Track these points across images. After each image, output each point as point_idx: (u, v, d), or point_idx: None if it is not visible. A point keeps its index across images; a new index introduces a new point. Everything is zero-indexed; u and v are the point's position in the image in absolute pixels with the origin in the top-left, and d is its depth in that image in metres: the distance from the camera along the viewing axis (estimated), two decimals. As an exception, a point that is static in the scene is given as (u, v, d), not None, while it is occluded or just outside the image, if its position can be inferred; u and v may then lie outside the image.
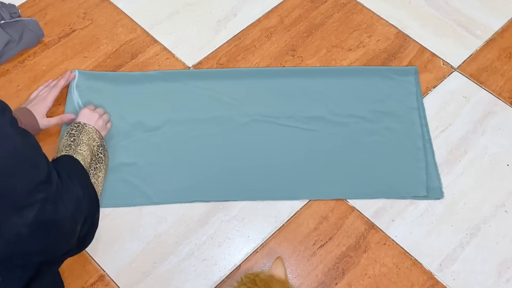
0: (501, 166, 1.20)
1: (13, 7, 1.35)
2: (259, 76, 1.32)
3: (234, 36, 1.41)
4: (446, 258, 1.09)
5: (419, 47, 1.38)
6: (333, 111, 1.27)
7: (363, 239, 1.11)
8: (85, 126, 1.11)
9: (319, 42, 1.39)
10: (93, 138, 1.10)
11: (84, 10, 1.45)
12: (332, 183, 1.17)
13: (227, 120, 1.25)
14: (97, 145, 1.10)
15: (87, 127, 1.11)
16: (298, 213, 1.14)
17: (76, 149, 1.04)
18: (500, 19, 1.44)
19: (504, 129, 1.26)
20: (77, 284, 1.05)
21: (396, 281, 1.06)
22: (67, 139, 1.07)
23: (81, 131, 1.09)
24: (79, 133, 1.08)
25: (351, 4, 1.47)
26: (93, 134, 1.11)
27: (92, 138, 1.10)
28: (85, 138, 1.08)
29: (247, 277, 0.94)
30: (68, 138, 1.07)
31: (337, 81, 1.31)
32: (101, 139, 1.12)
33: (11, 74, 1.32)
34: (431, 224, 1.12)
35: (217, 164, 1.19)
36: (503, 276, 1.07)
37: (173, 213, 1.13)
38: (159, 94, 1.29)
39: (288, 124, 1.24)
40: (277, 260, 0.94)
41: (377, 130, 1.24)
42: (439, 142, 1.23)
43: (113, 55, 1.36)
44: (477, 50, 1.39)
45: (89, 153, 1.06)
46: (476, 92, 1.31)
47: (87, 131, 1.10)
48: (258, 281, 0.91)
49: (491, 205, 1.15)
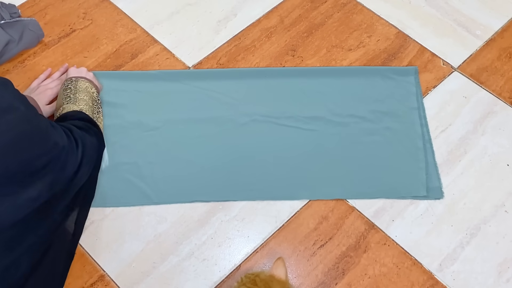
0: (501, 166, 1.20)
1: (13, 7, 1.35)
2: (259, 76, 1.32)
3: (234, 36, 1.41)
4: (446, 258, 1.09)
5: (419, 47, 1.38)
6: (333, 111, 1.27)
7: (363, 239, 1.11)
8: (77, 80, 1.16)
9: (319, 42, 1.39)
10: (90, 86, 1.16)
11: (84, 10, 1.45)
12: (332, 183, 1.17)
13: (227, 120, 1.25)
14: (96, 91, 1.18)
15: (79, 80, 1.16)
16: (298, 213, 1.14)
17: (76, 97, 1.10)
18: (500, 19, 1.44)
19: (504, 129, 1.26)
20: (77, 284, 1.05)
21: (396, 281, 1.06)
22: (63, 93, 1.13)
23: (76, 84, 1.15)
24: (75, 85, 1.14)
25: (351, 4, 1.47)
26: (88, 84, 1.16)
27: (88, 86, 1.16)
28: (82, 87, 1.14)
29: (247, 277, 0.93)
30: (64, 92, 1.13)
31: (337, 81, 1.32)
32: (96, 87, 1.19)
33: (11, 74, 1.32)
34: (431, 224, 1.12)
35: (217, 164, 1.19)
36: (503, 276, 1.07)
37: (173, 213, 1.13)
38: (159, 94, 1.29)
39: (288, 124, 1.24)
40: (278, 260, 0.94)
41: (377, 130, 1.24)
42: (439, 142, 1.23)
43: (113, 55, 1.36)
44: (477, 50, 1.39)
45: (88, 97, 1.13)
46: (476, 92, 1.31)
47: (80, 82, 1.15)
48: (258, 281, 0.91)
49: (491, 205, 1.15)
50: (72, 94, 1.12)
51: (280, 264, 0.94)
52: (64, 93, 1.13)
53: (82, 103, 1.10)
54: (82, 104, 1.10)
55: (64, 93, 1.13)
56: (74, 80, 1.16)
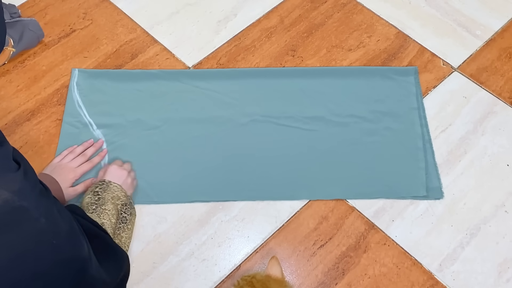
0: (501, 166, 1.20)
1: (13, 7, 1.35)
2: (259, 76, 1.32)
3: (234, 36, 1.41)
4: (446, 258, 1.09)
5: (419, 47, 1.38)
6: (333, 111, 1.27)
7: (363, 239, 1.11)
8: (110, 184, 1.05)
9: (319, 42, 1.39)
10: (118, 196, 1.03)
11: (84, 10, 1.45)
12: (332, 183, 1.17)
13: (227, 120, 1.25)
14: (122, 203, 1.04)
15: (112, 185, 1.05)
16: (298, 213, 1.14)
17: (102, 208, 0.99)
18: (500, 19, 1.44)
19: (504, 129, 1.25)
20: (77, 284, 1.05)
21: (396, 281, 1.06)
22: (91, 197, 1.02)
23: (106, 189, 1.03)
24: (103, 191, 1.03)
25: (351, 4, 1.47)
26: (118, 192, 1.04)
27: (117, 196, 1.03)
28: (110, 196, 1.02)
29: (243, 280, 0.93)
30: (93, 196, 1.02)
31: (337, 81, 1.31)
32: (127, 197, 1.06)
33: (11, 74, 1.32)
34: (431, 224, 1.12)
35: (217, 164, 1.19)
36: (503, 276, 1.07)
37: (173, 213, 1.13)
38: (159, 93, 1.29)
39: (288, 124, 1.24)
40: (272, 259, 0.94)
41: (377, 130, 1.24)
42: (439, 142, 1.23)
43: (113, 55, 1.36)
44: (477, 50, 1.39)
45: (114, 212, 1.00)
46: (476, 92, 1.31)
47: (112, 189, 1.04)
48: (255, 282, 0.91)
49: (491, 205, 1.15)
50: (99, 204, 1.00)
51: (275, 263, 0.94)
52: (92, 198, 1.02)
53: (105, 218, 0.98)
54: (105, 219, 0.97)
55: (91, 198, 1.02)
56: (105, 184, 1.04)
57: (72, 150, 1.18)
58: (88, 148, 1.19)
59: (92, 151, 1.19)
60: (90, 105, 1.26)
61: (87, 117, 1.25)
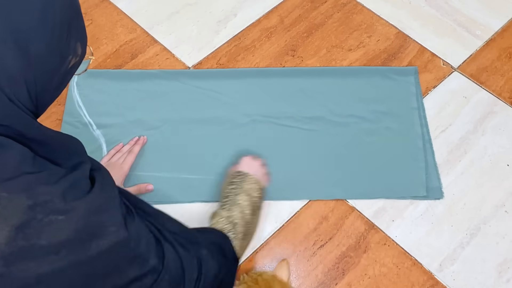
0: (501, 166, 1.20)
1: (13, 7, 1.35)
2: (259, 76, 1.32)
3: (234, 36, 1.41)
4: (446, 258, 1.09)
5: (419, 47, 1.38)
6: (333, 111, 1.27)
7: (363, 239, 1.11)
8: (246, 176, 1.02)
9: (319, 42, 1.39)
10: (254, 189, 1.00)
11: (84, 10, 1.45)
12: (332, 183, 1.17)
13: (227, 120, 1.25)
14: (260, 195, 1.00)
15: (248, 177, 1.01)
16: (298, 213, 1.14)
17: (234, 200, 0.96)
18: (500, 19, 1.44)
19: (504, 129, 1.25)
20: (77, 284, 1.05)
21: (396, 281, 1.06)
22: (227, 188, 1.00)
23: (243, 180, 1.01)
24: (241, 183, 1.00)
25: (351, 4, 1.47)
26: (254, 185, 1.00)
27: (253, 189, 0.99)
28: (246, 188, 0.99)
29: (249, 276, 0.94)
30: (229, 187, 1.00)
31: (337, 81, 1.31)
32: (261, 190, 1.01)
33: (11, 74, 1.32)
34: (431, 224, 1.12)
35: (217, 164, 1.18)
36: (503, 276, 1.07)
37: (172, 213, 1.12)
38: (159, 93, 1.29)
39: (288, 124, 1.24)
40: (283, 262, 0.94)
41: (377, 130, 1.24)
42: (439, 142, 1.23)
43: (113, 55, 1.36)
44: (477, 50, 1.39)
45: (248, 203, 0.96)
46: (476, 92, 1.31)
47: (248, 181, 1.01)
48: (260, 281, 0.91)
49: (491, 205, 1.15)
50: (233, 195, 0.97)
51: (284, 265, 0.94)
52: (227, 190, 0.99)
53: (236, 211, 0.92)
54: (235, 211, 0.92)
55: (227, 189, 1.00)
56: (243, 175, 1.02)
57: (119, 149, 1.18)
58: (135, 146, 1.18)
59: (138, 148, 1.18)
60: (90, 105, 1.26)
61: (87, 117, 1.25)
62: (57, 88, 0.62)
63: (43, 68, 0.57)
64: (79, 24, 0.62)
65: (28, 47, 0.55)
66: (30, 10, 0.55)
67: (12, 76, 0.54)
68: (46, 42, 0.57)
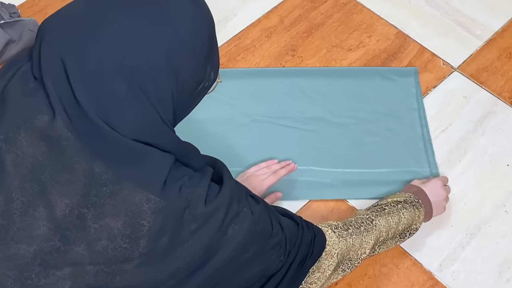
0: (501, 166, 1.20)
1: (13, 7, 1.35)
2: (259, 76, 1.32)
3: (234, 36, 1.41)
4: (446, 258, 1.09)
5: (419, 47, 1.38)
6: (333, 111, 1.27)
7: (363, 239, 1.11)
8: (421, 206, 1.02)
9: (319, 42, 1.39)
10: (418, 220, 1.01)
11: (84, 10, 1.45)
12: (332, 183, 1.17)
13: (227, 120, 1.25)
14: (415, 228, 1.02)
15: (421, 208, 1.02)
16: (298, 213, 1.14)
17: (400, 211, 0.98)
18: (500, 19, 1.44)
19: (504, 129, 1.25)
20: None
21: (396, 281, 1.06)
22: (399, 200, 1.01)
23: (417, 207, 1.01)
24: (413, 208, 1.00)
25: (351, 4, 1.47)
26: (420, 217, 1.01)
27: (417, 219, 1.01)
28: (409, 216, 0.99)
29: None
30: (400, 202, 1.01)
31: (337, 82, 1.31)
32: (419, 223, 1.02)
33: (11, 74, 1.32)
34: (431, 224, 1.12)
35: (217, 164, 1.18)
36: (503, 276, 1.07)
37: (173, 213, 1.13)
38: (159, 94, 1.28)
39: (288, 124, 1.24)
40: None
41: (377, 131, 1.24)
42: (439, 142, 1.23)
43: (113, 55, 1.36)
44: (477, 50, 1.38)
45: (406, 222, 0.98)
46: (476, 92, 1.31)
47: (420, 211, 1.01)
48: None
49: (491, 205, 1.15)
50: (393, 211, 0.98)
51: None
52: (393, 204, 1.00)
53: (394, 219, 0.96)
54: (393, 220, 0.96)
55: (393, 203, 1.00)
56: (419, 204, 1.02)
57: (270, 165, 1.15)
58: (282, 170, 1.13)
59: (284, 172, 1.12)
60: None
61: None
62: (189, 107, 0.72)
63: (185, 92, 0.66)
64: (215, 52, 0.69)
65: (179, 73, 0.62)
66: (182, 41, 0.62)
67: (163, 98, 0.62)
68: (192, 69, 0.64)
